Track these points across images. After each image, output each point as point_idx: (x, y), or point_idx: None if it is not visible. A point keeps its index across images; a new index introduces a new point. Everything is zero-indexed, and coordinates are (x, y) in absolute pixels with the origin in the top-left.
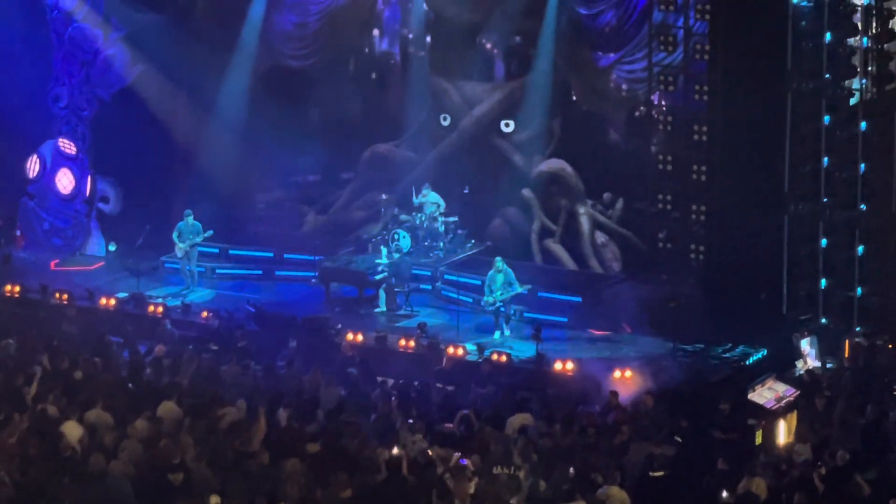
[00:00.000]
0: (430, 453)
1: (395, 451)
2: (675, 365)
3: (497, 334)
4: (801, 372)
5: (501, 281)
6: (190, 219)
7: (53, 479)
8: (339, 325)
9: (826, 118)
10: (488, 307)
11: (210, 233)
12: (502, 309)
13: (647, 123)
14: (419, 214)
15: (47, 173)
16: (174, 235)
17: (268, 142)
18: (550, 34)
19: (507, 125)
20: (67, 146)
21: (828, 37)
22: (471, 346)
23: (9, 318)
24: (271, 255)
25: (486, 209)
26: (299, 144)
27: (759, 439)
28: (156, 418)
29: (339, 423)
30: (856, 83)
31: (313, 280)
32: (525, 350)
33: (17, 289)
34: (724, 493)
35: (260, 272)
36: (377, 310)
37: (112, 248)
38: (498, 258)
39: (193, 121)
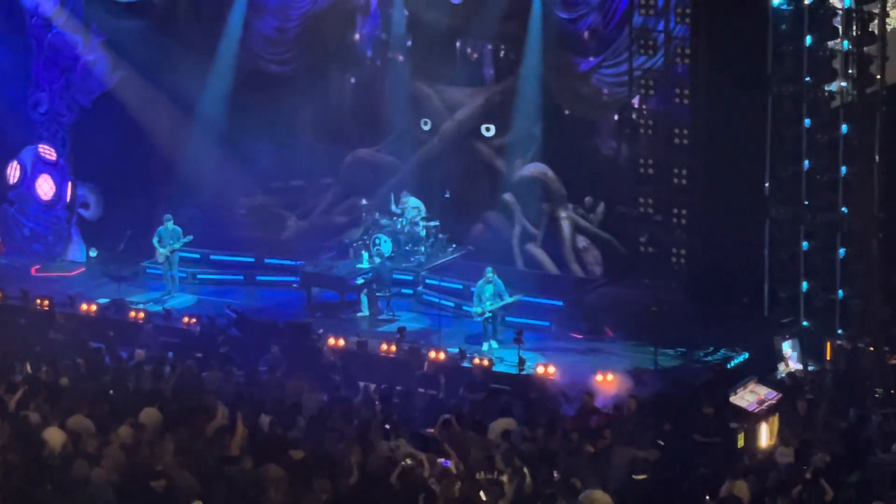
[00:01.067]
0: (415, 458)
1: (380, 455)
2: (657, 369)
3: (485, 345)
4: (783, 375)
5: (491, 292)
6: (170, 223)
7: (36, 486)
8: (321, 331)
9: (807, 121)
10: (477, 317)
11: (189, 238)
12: (491, 320)
13: (629, 127)
14: (400, 219)
15: (28, 179)
16: (154, 240)
17: (249, 146)
18: (535, 38)
19: (487, 129)
20: (48, 152)
21: (808, 40)
22: (453, 350)
23: None
24: (252, 260)
25: (468, 213)
26: (280, 149)
27: (741, 442)
28: (138, 425)
29: (321, 429)
30: (836, 86)
31: (295, 285)
32: (507, 354)
33: None
34: (707, 497)
35: (241, 277)
36: (359, 315)
37: (93, 253)
38: (488, 269)
39: (174, 126)
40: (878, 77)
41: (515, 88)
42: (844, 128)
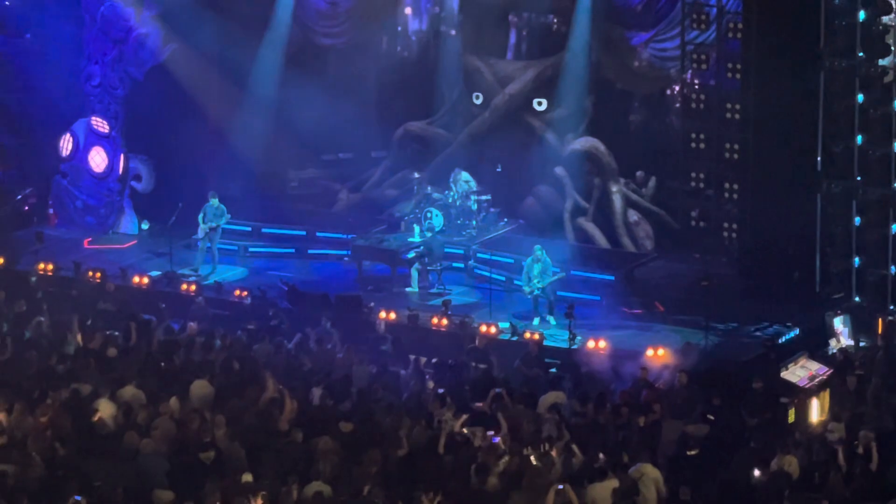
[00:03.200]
0: (464, 431)
1: (429, 428)
2: (707, 344)
3: (536, 321)
4: (834, 350)
5: (539, 270)
6: (215, 201)
7: (86, 458)
8: (372, 304)
9: (860, 96)
10: (527, 295)
11: (228, 217)
12: (542, 296)
13: (680, 102)
14: (452, 193)
15: (80, 152)
16: (199, 217)
17: (300, 119)
18: (584, 12)
19: (539, 104)
20: (100, 124)
21: (862, 15)
22: (504, 325)
23: (42, 296)
24: (304, 233)
25: (519, 187)
26: (331, 122)
27: (791, 417)
28: (188, 397)
29: (371, 402)
30: (889, 61)
31: (346, 258)
32: (558, 328)
33: (51, 267)
34: (757, 472)
35: (293, 250)
36: (409, 289)
37: (145, 226)
38: (537, 246)
39: (226, 99)
40: None
41: (566, 62)
42: None
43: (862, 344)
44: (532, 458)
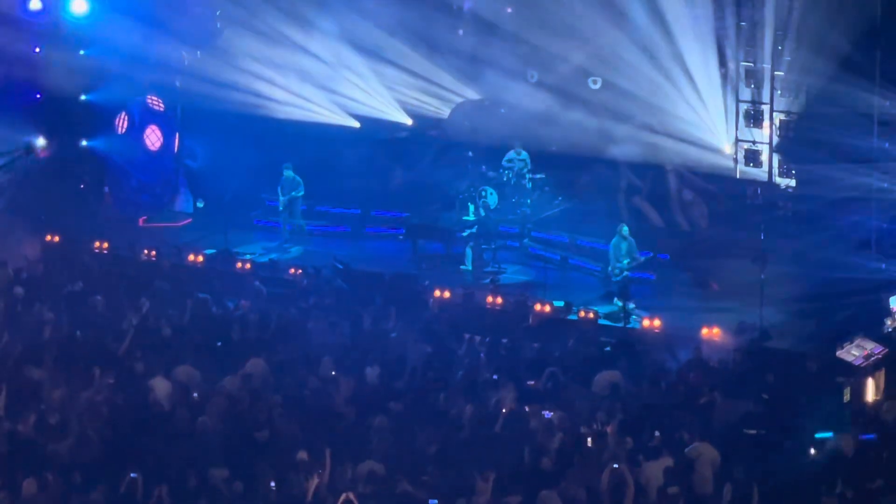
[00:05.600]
0: (520, 409)
1: (485, 406)
2: (762, 323)
3: (619, 302)
4: (890, 329)
5: (626, 249)
6: (289, 172)
7: (141, 436)
8: (427, 282)
9: None
10: (615, 276)
11: (301, 191)
12: (629, 277)
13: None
14: (506, 171)
15: (136, 130)
16: (278, 189)
17: None
18: None
19: (594, 82)
20: (156, 103)
21: None
22: (558, 304)
23: (98, 274)
24: (359, 211)
25: (574, 166)
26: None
27: (847, 397)
28: (244, 375)
29: (426, 380)
30: None
31: (400, 237)
32: (613, 307)
33: (106, 245)
34: (812, 451)
35: (348, 229)
36: (463, 267)
37: (200, 204)
38: (623, 226)
39: (280, 77)
40: None
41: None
42: None
43: None
44: (587, 437)
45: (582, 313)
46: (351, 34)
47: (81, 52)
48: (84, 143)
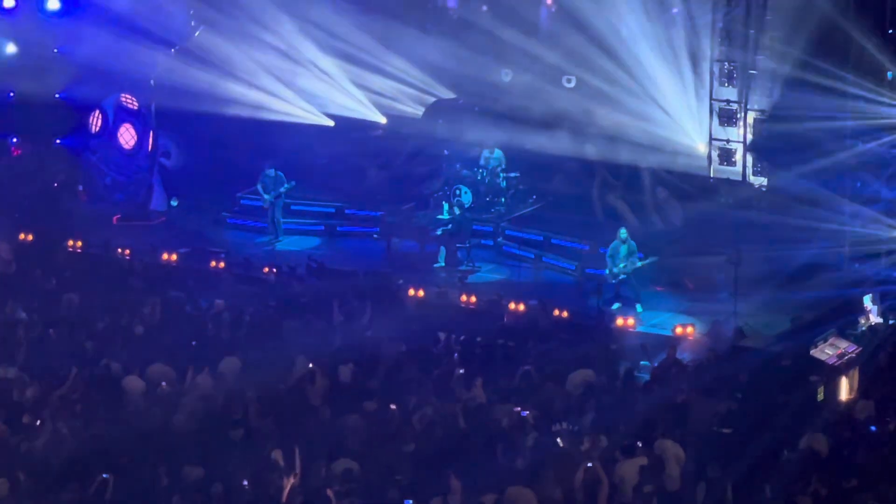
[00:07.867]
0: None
1: (458, 405)
2: (736, 321)
3: (616, 305)
4: (864, 328)
5: (625, 252)
6: (272, 170)
7: (114, 434)
8: (401, 281)
9: None
10: (612, 279)
11: (293, 183)
12: (627, 280)
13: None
14: (481, 170)
15: (110, 128)
16: (258, 187)
17: None
18: None
19: (568, 81)
20: (130, 101)
21: None
22: (532, 302)
23: (72, 273)
24: (333, 209)
25: (548, 165)
26: None
27: (820, 396)
28: (217, 374)
29: (399, 379)
30: None
31: (375, 235)
32: (587, 305)
33: (80, 244)
34: (785, 451)
35: (322, 227)
36: (437, 265)
37: (174, 203)
38: (622, 228)
39: (254, 76)
40: None
41: None
42: None
43: (891, 321)
44: (560, 436)
45: (556, 312)
46: (325, 33)
47: (55, 51)
48: (58, 141)
